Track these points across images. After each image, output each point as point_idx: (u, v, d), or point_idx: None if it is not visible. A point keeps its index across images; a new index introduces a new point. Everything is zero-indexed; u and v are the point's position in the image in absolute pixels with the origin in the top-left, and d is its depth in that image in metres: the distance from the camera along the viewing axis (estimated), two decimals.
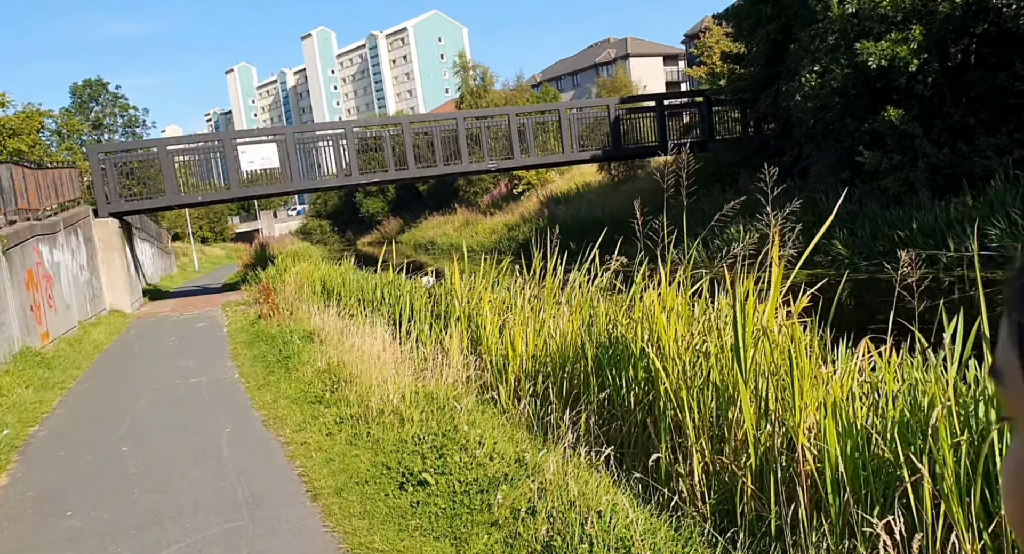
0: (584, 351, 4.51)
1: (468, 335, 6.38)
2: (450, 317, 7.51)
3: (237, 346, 11.60)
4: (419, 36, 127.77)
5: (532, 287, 6.58)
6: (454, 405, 5.26)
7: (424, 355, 7.04)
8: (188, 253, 48.13)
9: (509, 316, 6.20)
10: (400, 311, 8.53)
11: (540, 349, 5.24)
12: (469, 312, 6.61)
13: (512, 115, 23.01)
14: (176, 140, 21.20)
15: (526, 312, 5.74)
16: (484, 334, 6.07)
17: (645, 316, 4.18)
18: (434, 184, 60.21)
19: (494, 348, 5.75)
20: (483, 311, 6.27)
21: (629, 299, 4.88)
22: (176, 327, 15.45)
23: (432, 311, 7.84)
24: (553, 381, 4.75)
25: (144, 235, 30.06)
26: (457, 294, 6.88)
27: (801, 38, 16.33)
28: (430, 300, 8.53)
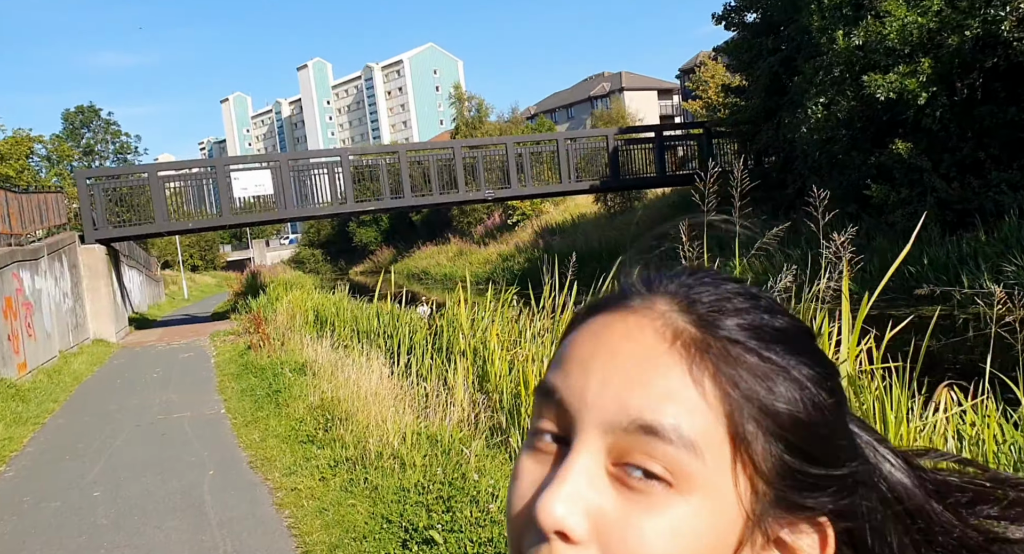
0: None
1: (474, 371, 5.90)
2: (453, 351, 7.04)
3: (225, 378, 11.05)
4: (415, 68, 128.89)
5: (541, 319, 6.13)
6: (461, 449, 4.77)
7: (425, 391, 6.55)
8: (177, 281, 47.48)
9: (518, 351, 5.74)
10: (398, 343, 8.05)
11: None
12: (474, 346, 6.14)
13: (509, 144, 22.77)
14: (167, 165, 20.81)
15: (538, 347, 5.27)
16: (492, 370, 5.60)
17: None
18: (428, 214, 60.03)
19: (504, 386, 5.27)
20: (490, 345, 5.80)
21: None
22: (161, 357, 14.87)
23: (433, 344, 7.36)
24: None
25: (132, 262, 29.49)
26: (461, 326, 6.41)
27: (805, 70, 16.18)
28: (430, 332, 8.05)
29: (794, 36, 18.74)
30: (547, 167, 23.44)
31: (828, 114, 14.99)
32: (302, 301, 13.97)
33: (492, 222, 47.93)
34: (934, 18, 13.34)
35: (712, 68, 46.86)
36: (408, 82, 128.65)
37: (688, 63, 63.24)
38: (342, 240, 73.46)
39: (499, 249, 38.86)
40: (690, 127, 26.66)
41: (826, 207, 14.13)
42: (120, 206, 20.74)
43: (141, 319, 27.56)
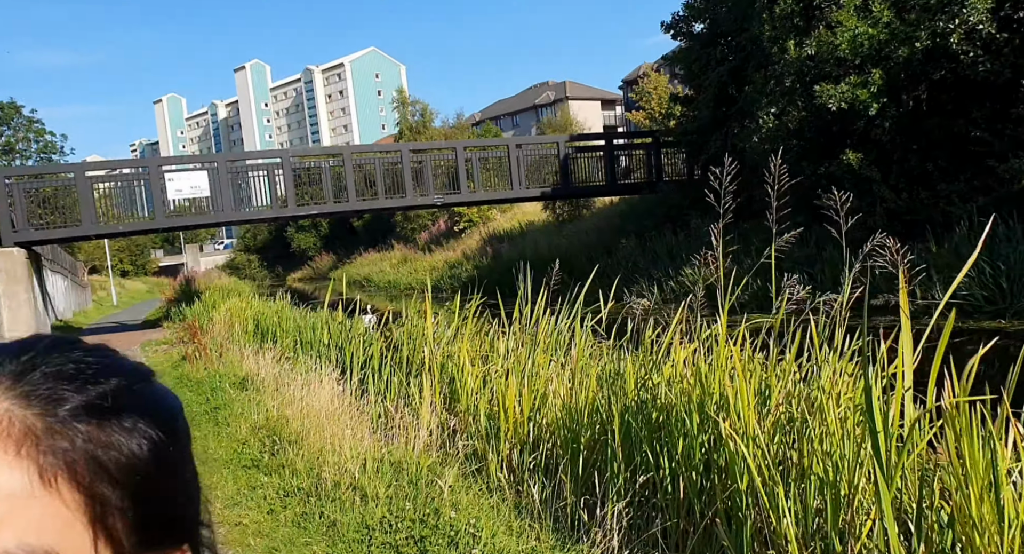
0: (606, 418, 3.63)
1: (441, 389, 5.42)
2: (412, 365, 6.54)
3: None
4: (356, 72, 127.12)
5: (515, 332, 5.70)
6: (431, 479, 4.29)
7: (384, 411, 6.03)
8: (106, 287, 45.29)
9: (491, 367, 5.30)
10: (351, 357, 7.49)
11: (540, 411, 4.34)
12: (440, 361, 5.65)
13: (459, 149, 22.32)
14: (96, 165, 19.61)
15: (514, 363, 4.84)
16: (463, 389, 5.14)
17: (695, 375, 3.35)
18: (369, 219, 58.94)
19: (479, 408, 4.80)
20: (460, 360, 5.33)
21: (661, 352, 4.04)
22: None
23: (391, 357, 6.84)
24: (562, 453, 3.84)
25: (56, 267, 27.84)
26: (426, 339, 5.92)
27: (756, 80, 16.23)
28: (386, 344, 7.52)
29: (743, 46, 18.84)
30: (493, 173, 23.07)
31: (779, 124, 15.03)
32: (241, 309, 13.21)
33: (437, 229, 47.29)
34: (884, 30, 13.49)
35: (655, 79, 47.47)
36: (349, 86, 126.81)
37: (631, 74, 64.04)
38: (279, 246, 71.57)
39: (445, 256, 38.26)
40: (639, 136, 26.69)
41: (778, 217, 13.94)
42: (44, 207, 19.45)
43: (65, 327, 25.99)
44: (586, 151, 23.99)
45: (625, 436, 3.46)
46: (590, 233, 28.26)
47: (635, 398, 3.59)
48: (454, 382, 5.32)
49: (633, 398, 3.59)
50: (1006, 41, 12.28)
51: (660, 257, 19.42)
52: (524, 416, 4.29)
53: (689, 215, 20.47)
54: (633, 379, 3.69)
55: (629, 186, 23.45)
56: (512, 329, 5.65)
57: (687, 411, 3.13)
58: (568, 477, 3.60)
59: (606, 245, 23.94)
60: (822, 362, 3.41)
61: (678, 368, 3.51)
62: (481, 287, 8.50)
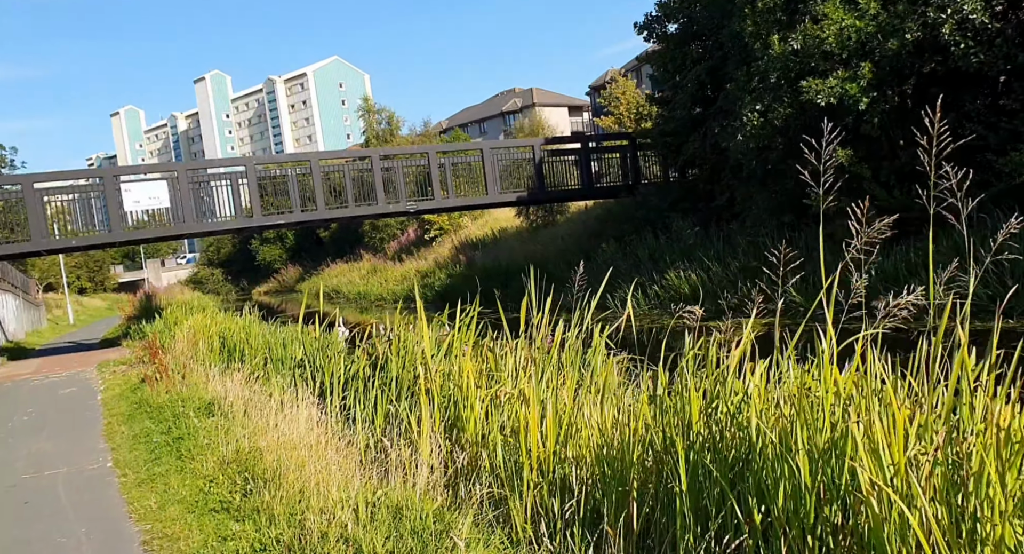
0: (664, 457, 2.95)
1: (442, 416, 4.69)
2: (402, 385, 5.80)
3: (113, 420, 9.33)
4: (319, 81, 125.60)
5: (522, 346, 5.00)
6: (440, 529, 3.56)
7: (372, 441, 5.28)
8: (62, 305, 43.54)
9: (499, 389, 4.59)
10: (331, 377, 6.72)
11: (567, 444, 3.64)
12: (439, 382, 4.92)
13: (432, 154, 21.58)
14: (45, 176, 18.47)
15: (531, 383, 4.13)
16: (468, 415, 4.42)
17: (797, 403, 2.68)
18: (336, 230, 57.80)
19: (490, 439, 4.09)
20: (463, 381, 4.61)
21: (730, 374, 3.36)
22: (36, 395, 12.81)
23: (376, 376, 6.09)
24: (603, 499, 3.14)
25: (6, 285, 26.44)
26: (423, 357, 5.18)
27: (738, 77, 15.79)
28: (370, 362, 6.76)
29: (722, 43, 18.43)
30: (465, 179, 22.37)
31: (764, 121, 14.58)
32: (205, 326, 12.29)
33: (407, 238, 46.38)
34: (871, 22, 13.11)
35: (623, 84, 47.21)
36: (312, 95, 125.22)
37: (598, 80, 63.87)
38: (244, 258, 69.97)
39: (417, 265, 37.41)
40: (615, 138, 26.21)
41: (762, 218, 13.48)
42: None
43: (16, 348, 24.63)
44: (560, 155, 23.42)
45: (692, 479, 2.79)
46: (566, 239, 27.67)
47: (701, 432, 2.92)
48: (457, 407, 4.60)
49: (699, 431, 2.92)
50: (998, 31, 11.96)
51: (642, 261, 18.87)
52: (549, 450, 3.59)
53: (670, 218, 19.99)
54: (697, 407, 3.01)
55: (606, 189, 22.92)
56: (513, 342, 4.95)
57: (788, 451, 2.47)
58: (616, 531, 2.92)
59: (584, 250, 23.35)
60: (963, 385, 2.75)
61: (760, 394, 2.84)
62: (456, 296, 7.83)
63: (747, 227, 16.69)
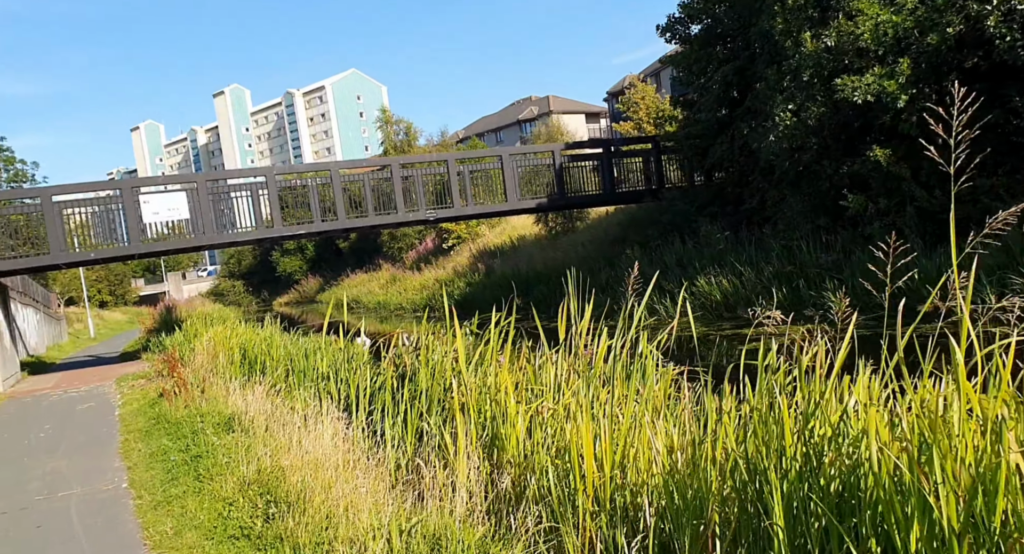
0: (753, 486, 2.52)
1: (479, 434, 4.28)
2: (433, 399, 5.41)
3: (130, 437, 9.02)
4: (337, 94, 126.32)
5: (562, 357, 4.59)
6: None
7: (403, 460, 4.88)
8: (83, 319, 43.68)
9: (540, 404, 4.18)
10: (357, 391, 6.34)
11: (627, 468, 3.22)
12: (475, 396, 4.51)
13: (451, 161, 21.26)
14: (63, 188, 18.35)
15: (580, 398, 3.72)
16: (509, 433, 4.01)
17: (926, 427, 2.26)
18: (355, 240, 57.76)
19: (534, 460, 3.68)
20: (502, 396, 4.21)
21: (827, 390, 2.92)
22: (54, 410, 12.57)
23: (405, 389, 5.70)
24: (676, 531, 2.72)
25: (27, 299, 26.40)
26: (460, 371, 4.78)
27: (768, 77, 15.32)
28: (396, 373, 6.37)
29: (749, 43, 17.99)
30: (482, 187, 22.01)
31: (797, 121, 14.10)
32: (225, 338, 11.98)
33: (425, 247, 46.19)
34: (908, 16, 12.62)
35: (642, 89, 46.80)
36: (331, 108, 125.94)
37: (616, 86, 63.51)
38: (264, 270, 70.17)
39: (436, 274, 37.10)
40: (638, 142, 25.76)
41: (795, 221, 12.86)
42: (15, 238, 18.17)
43: (37, 363, 24.55)
44: (580, 160, 23.02)
45: (786, 512, 2.36)
46: (587, 245, 27.22)
47: (797, 457, 2.49)
48: (495, 423, 4.19)
49: (794, 456, 2.49)
50: None
51: (669, 267, 18.35)
52: (607, 475, 3.17)
53: (697, 222, 19.49)
54: (790, 428, 2.58)
55: (629, 194, 22.46)
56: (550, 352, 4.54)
57: (915, 483, 2.04)
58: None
59: (606, 257, 22.91)
60: None
61: (870, 417, 2.40)
62: (475, 305, 7.43)
63: (779, 231, 16.16)
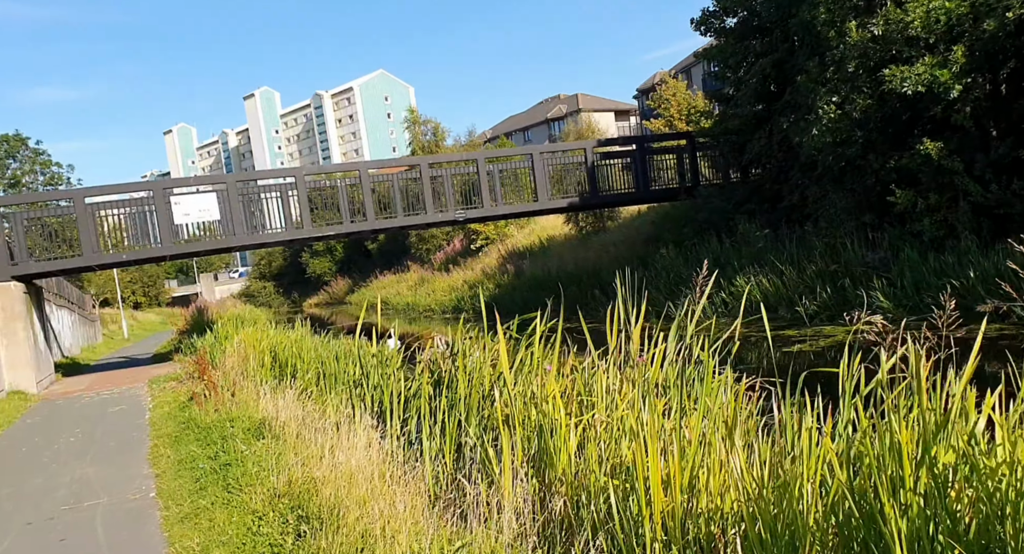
0: (861, 520, 2.14)
1: (525, 449, 3.94)
2: (472, 407, 5.08)
3: (160, 442, 8.83)
4: (365, 95, 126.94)
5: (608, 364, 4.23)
6: None
7: (443, 474, 4.56)
8: (117, 320, 44.23)
9: (593, 417, 3.82)
10: (391, 397, 6.03)
11: (698, 493, 2.86)
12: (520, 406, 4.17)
13: (481, 160, 20.96)
14: (96, 190, 18.39)
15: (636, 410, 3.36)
16: (556, 446, 3.66)
17: None
18: (384, 242, 57.84)
19: (589, 479, 3.33)
20: (550, 407, 3.86)
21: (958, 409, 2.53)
22: (86, 413, 12.49)
23: (438, 395, 5.38)
24: None
25: (62, 301, 26.66)
26: (503, 378, 4.44)
27: (809, 69, 14.78)
28: (432, 380, 6.05)
29: (788, 35, 17.44)
30: (510, 188, 21.68)
31: (842, 114, 13.54)
32: (256, 340, 11.79)
33: (452, 248, 46.01)
34: (963, 2, 12.03)
35: (673, 86, 46.15)
36: (359, 109, 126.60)
37: (646, 83, 62.82)
38: (295, 272, 70.66)
39: (464, 275, 36.86)
40: (672, 138, 25.24)
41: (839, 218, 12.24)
42: (52, 240, 18.26)
43: (71, 364, 24.74)
44: (612, 158, 22.57)
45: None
46: (618, 245, 26.75)
47: (918, 489, 2.11)
48: (542, 437, 3.84)
49: (914, 488, 2.11)
50: None
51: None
52: (676, 501, 2.81)
53: (735, 220, 18.96)
54: (908, 454, 2.19)
55: (664, 192, 21.95)
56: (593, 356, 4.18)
57: None
58: None
59: (640, 257, 22.43)
60: None
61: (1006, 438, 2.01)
62: (505, 306, 7.12)
63: (821, 228, 15.59)
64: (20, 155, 37.70)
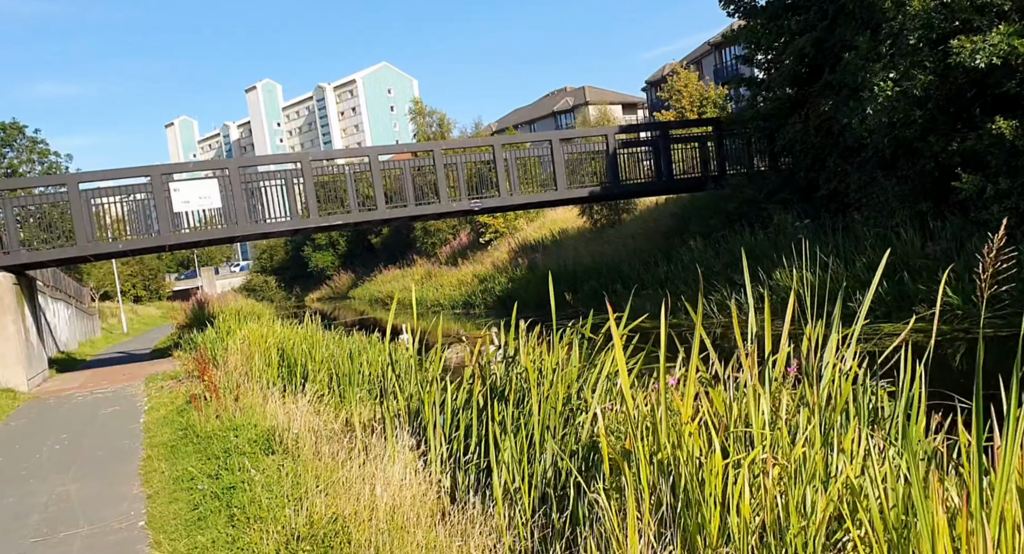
0: None
1: (651, 498, 2.84)
2: (543, 428, 3.98)
3: (154, 453, 7.74)
4: (368, 87, 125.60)
5: (761, 378, 3.13)
6: None
7: (519, 521, 3.46)
8: (116, 313, 43.16)
9: (767, 458, 2.72)
10: (431, 409, 4.92)
11: None
12: (643, 436, 3.07)
13: (497, 147, 19.81)
14: (91, 175, 17.28)
15: (914, 456, 2.26)
16: (705, 499, 2.57)
17: None
18: (388, 235, 56.67)
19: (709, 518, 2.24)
20: (687, 439, 2.76)
21: None
22: (76, 415, 11.41)
23: (486, 406, 4.27)
24: None
25: (58, 294, 25.57)
26: (625, 397, 3.32)
27: (859, 45, 13.62)
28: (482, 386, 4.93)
29: (827, 12, 16.28)
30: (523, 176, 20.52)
31: (900, 91, 12.40)
32: (262, 336, 10.68)
33: (459, 242, 44.88)
34: None
35: (684, 77, 44.99)
36: (362, 102, 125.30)
37: (655, 75, 61.58)
38: (296, 265, 69.53)
39: (474, 269, 35.72)
40: (697, 125, 24.08)
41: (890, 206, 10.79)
42: (45, 229, 17.18)
43: (67, 359, 23.67)
44: (636, 145, 21.42)
45: None
46: (636, 238, 25.60)
47: None
48: (677, 482, 2.73)
49: None
50: None
51: (739, 260, 16.69)
52: None
53: (768, 210, 17.82)
54: None
55: (689, 181, 20.80)
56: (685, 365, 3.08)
57: None
58: None
59: (663, 250, 21.30)
60: None
61: None
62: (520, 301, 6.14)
63: (869, 218, 14.44)
64: (17, 144, 36.58)
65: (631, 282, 21.07)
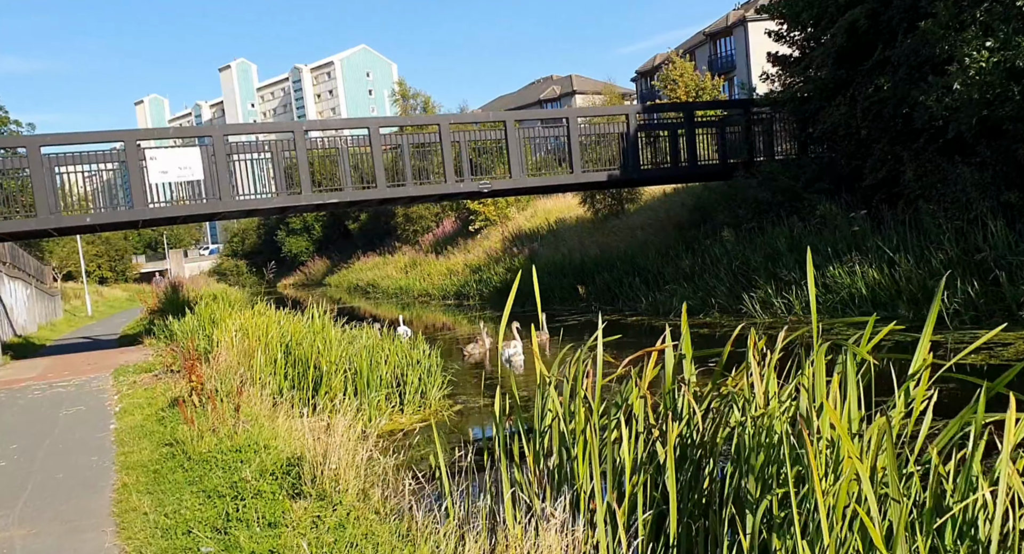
0: None
1: None
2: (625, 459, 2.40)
3: (131, 480, 5.92)
4: (346, 70, 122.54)
5: None
6: None
7: None
8: (80, 295, 40.59)
9: None
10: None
11: None
12: None
13: (510, 122, 18.03)
14: (54, 138, 15.16)
15: None
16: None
17: None
18: (366, 222, 54.49)
19: None
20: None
21: None
22: (32, 415, 9.49)
23: (577, 427, 2.57)
24: None
25: (16, 272, 23.30)
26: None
27: (939, 11, 12.10)
28: (562, 401, 3.22)
29: None
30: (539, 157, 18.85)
31: (997, 63, 10.89)
32: (263, 328, 8.84)
33: (442, 230, 42.90)
34: None
35: (680, 66, 43.54)
36: (339, 84, 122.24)
37: (645, 65, 60.13)
38: (269, 250, 66.93)
39: (464, 258, 33.92)
40: (724, 107, 22.51)
41: (968, 197, 8.70)
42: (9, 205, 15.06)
43: (24, 344, 21.48)
44: (654, 128, 19.82)
45: None
46: (646, 229, 24.01)
47: None
48: None
49: None
50: None
51: (781, 253, 15.15)
52: None
53: (807, 200, 16.31)
54: None
55: (715, 167, 19.23)
56: None
57: None
58: None
59: (679, 241, 19.73)
60: None
61: None
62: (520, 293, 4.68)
63: (941, 209, 12.96)
64: None
65: (649, 276, 19.53)
